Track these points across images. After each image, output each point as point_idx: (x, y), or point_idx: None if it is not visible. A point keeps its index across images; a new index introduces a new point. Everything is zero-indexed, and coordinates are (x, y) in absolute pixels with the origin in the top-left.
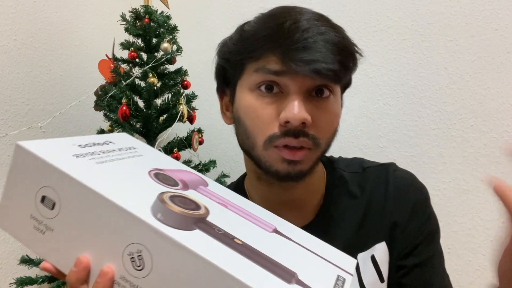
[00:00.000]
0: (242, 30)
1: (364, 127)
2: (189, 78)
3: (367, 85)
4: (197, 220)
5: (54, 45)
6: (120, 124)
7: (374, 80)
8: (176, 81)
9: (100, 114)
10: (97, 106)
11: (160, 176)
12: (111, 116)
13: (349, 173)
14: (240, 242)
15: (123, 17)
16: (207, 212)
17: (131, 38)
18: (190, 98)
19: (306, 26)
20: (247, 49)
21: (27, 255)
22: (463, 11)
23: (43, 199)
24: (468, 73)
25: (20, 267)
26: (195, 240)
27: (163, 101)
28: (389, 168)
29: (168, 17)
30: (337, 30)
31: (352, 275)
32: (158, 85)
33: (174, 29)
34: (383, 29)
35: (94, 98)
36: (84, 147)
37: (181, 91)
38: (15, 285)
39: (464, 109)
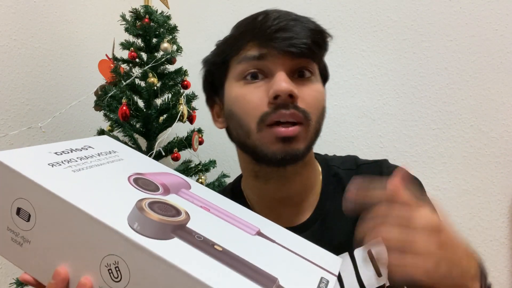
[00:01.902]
0: (221, 39)
1: (364, 127)
2: (189, 78)
3: (367, 85)
4: (176, 227)
5: (54, 45)
6: (120, 124)
7: (374, 80)
8: (176, 81)
9: (100, 114)
10: (97, 106)
11: (140, 181)
12: (111, 116)
13: (344, 170)
14: (220, 249)
15: (123, 17)
16: (188, 217)
17: (131, 38)
18: (190, 98)
19: (276, 16)
20: (228, 47)
21: None
22: (463, 11)
23: (19, 211)
24: (468, 73)
25: None
26: (172, 250)
27: (163, 101)
28: (383, 164)
29: (168, 17)
30: (306, 17)
31: (336, 275)
32: (158, 85)
33: (174, 29)
34: (383, 29)
35: (94, 98)
36: (61, 154)
37: (181, 91)
38: (15, 285)
39: (464, 109)
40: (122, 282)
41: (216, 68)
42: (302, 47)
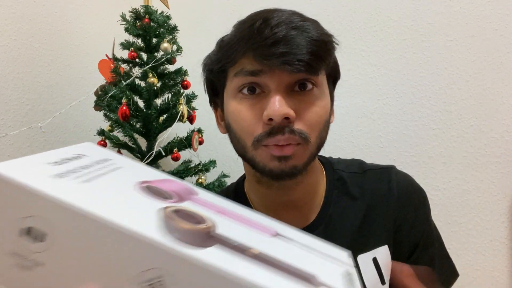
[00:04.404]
0: (221, 41)
1: (364, 127)
2: (189, 78)
3: (367, 85)
4: (209, 234)
5: (54, 45)
6: (120, 124)
7: (374, 80)
8: (176, 81)
9: (100, 114)
10: (97, 106)
11: (153, 190)
12: (111, 116)
13: (349, 173)
14: (257, 252)
15: (123, 17)
16: (214, 224)
17: (131, 38)
18: (190, 98)
19: (276, 22)
20: (225, 56)
21: None
22: (463, 11)
23: (29, 230)
24: (468, 73)
25: None
26: (221, 258)
27: (163, 101)
28: (391, 172)
29: (168, 17)
30: (311, 22)
31: (354, 267)
32: (158, 85)
33: (174, 29)
34: (383, 29)
35: (94, 98)
36: (60, 164)
37: (181, 91)
38: None
39: (464, 109)
40: None
41: (215, 76)
42: (297, 65)
